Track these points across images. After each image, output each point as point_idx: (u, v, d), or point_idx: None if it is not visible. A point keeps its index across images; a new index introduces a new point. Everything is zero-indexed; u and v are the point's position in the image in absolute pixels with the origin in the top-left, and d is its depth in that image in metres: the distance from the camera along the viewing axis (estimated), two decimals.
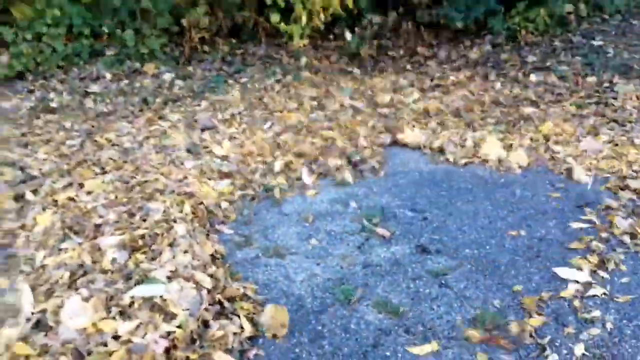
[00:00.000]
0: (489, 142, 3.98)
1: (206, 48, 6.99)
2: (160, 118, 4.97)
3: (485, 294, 2.43)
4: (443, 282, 2.53)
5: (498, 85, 5.89)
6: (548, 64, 6.38)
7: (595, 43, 6.79)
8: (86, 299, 2.08)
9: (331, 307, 2.37)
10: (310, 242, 2.91)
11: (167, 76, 6.28)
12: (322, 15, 7.04)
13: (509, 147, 4.01)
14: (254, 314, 2.28)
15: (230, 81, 6.23)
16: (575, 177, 3.56)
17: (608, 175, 3.61)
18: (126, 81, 6.20)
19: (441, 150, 4.11)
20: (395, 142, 4.40)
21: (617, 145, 4.07)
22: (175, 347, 1.93)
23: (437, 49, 7.37)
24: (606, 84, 5.60)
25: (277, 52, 7.33)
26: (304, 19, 6.98)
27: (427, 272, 2.61)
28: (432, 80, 6.16)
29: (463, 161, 3.93)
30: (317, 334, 2.20)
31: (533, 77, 6.01)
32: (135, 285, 2.21)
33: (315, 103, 5.34)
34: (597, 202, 3.23)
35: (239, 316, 2.21)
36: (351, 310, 2.34)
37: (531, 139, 4.17)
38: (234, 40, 7.38)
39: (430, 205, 3.29)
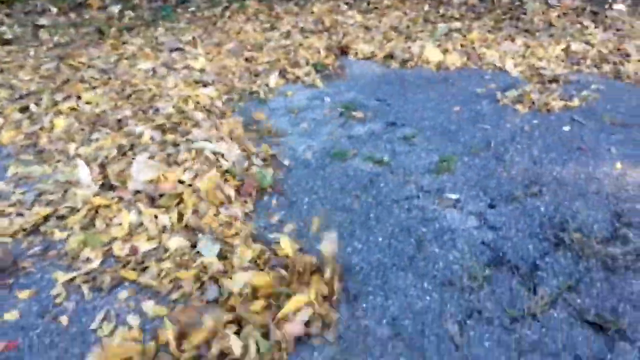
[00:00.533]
0: (429, 49, 4.72)
1: None
2: (124, 44, 5.22)
3: (443, 147, 3.20)
4: (411, 143, 3.27)
5: (426, 6, 6.63)
6: None
7: None
8: (150, 158, 2.59)
9: (331, 163, 3.04)
10: (300, 126, 3.53)
11: (114, 8, 6.40)
12: None
13: (445, 52, 4.78)
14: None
15: (179, 10, 6.47)
16: (505, 68, 4.41)
17: (524, 68, 4.49)
18: (73, 14, 6.26)
19: (391, 57, 4.79)
20: (346, 54, 5.03)
21: (529, 47, 4.97)
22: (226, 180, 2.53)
23: None
24: (517, 2, 6.51)
25: None
26: None
27: (398, 138, 3.34)
28: (368, 4, 6.77)
29: (409, 64, 4.65)
30: (325, 179, 2.87)
31: None
32: (183, 151, 2.73)
33: (267, 26, 5.80)
34: (517, 87, 4.08)
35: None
36: (347, 163, 3.02)
37: (461, 45, 4.96)
38: None
39: (390, 97, 4.00)
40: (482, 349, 1.82)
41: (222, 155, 2.63)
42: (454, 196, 2.69)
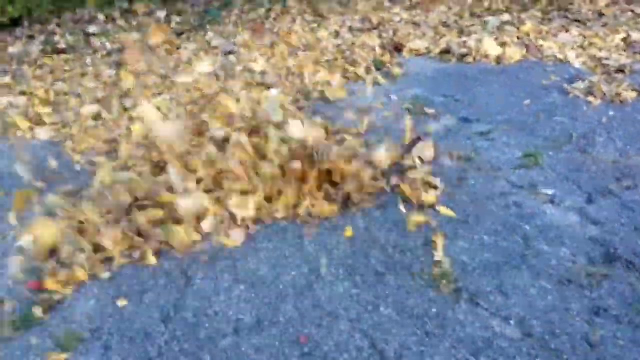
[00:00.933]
0: (487, 42, 4.66)
1: None
2: (178, 48, 5.27)
3: (524, 141, 3.16)
4: (489, 138, 3.24)
5: (469, 0, 6.55)
6: None
7: None
8: None
9: None
10: (373, 125, 3.52)
11: (160, 13, 6.46)
12: None
13: (502, 45, 4.72)
14: None
15: (223, 13, 6.50)
16: (567, 59, 4.33)
17: (585, 59, 4.41)
18: (121, 20, 6.33)
19: (447, 52, 4.75)
20: (400, 51, 5.00)
21: (585, 37, 4.88)
22: None
23: None
24: None
25: None
26: None
27: (474, 133, 3.31)
28: (410, 0, 6.73)
29: (467, 59, 4.60)
30: None
31: None
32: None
33: (315, 25, 5.80)
34: (583, 78, 4.01)
35: None
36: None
37: (517, 38, 4.89)
38: None
39: (455, 92, 3.97)
40: (617, 348, 1.80)
41: None
42: (549, 191, 2.66)
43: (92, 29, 6.03)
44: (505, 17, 5.60)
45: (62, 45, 5.54)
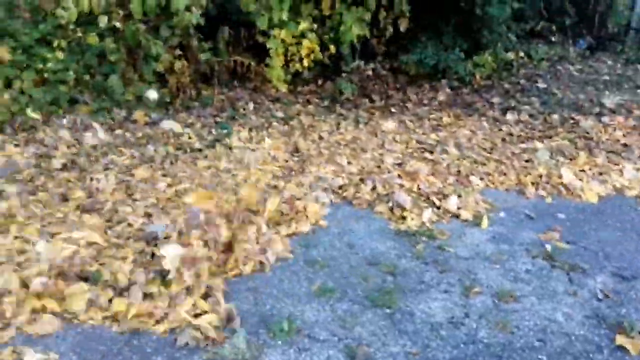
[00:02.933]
0: (567, 177, 4.43)
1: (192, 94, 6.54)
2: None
3: None
4: None
5: (485, 124, 6.52)
6: (513, 104, 7.25)
7: (540, 85, 7.94)
8: None
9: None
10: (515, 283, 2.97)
11: (166, 124, 5.72)
12: (305, 62, 7.14)
13: (579, 176, 4.52)
14: None
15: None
16: None
17: None
18: (119, 131, 5.48)
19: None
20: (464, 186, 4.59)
21: None
22: None
23: (404, 93, 7.90)
24: (571, 121, 6.59)
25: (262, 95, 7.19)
26: (279, 63, 7.04)
27: None
28: (428, 120, 6.59)
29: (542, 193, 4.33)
30: None
31: (509, 116, 6.79)
32: None
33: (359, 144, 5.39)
34: None
35: None
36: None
37: (583, 171, 4.74)
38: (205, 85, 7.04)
39: (572, 236, 3.58)
40: None
41: None
42: None
43: (88, 139, 5.12)
44: (540, 144, 5.56)
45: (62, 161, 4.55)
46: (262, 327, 2.54)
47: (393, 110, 7.09)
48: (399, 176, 4.43)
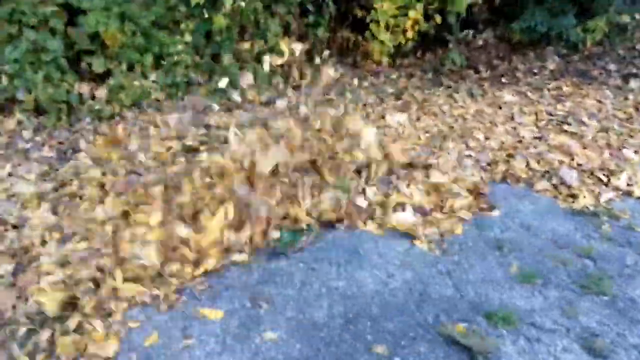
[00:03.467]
0: None
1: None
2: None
3: None
4: None
5: (608, 92, 6.06)
6: (634, 70, 6.70)
7: None
8: None
9: None
10: None
11: (280, 103, 5.63)
12: (409, 33, 6.85)
13: None
14: None
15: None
16: None
17: None
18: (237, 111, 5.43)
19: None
20: None
21: None
22: None
23: (509, 62, 7.47)
24: None
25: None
26: (382, 36, 6.78)
27: None
28: (548, 90, 6.19)
29: None
30: None
31: (633, 84, 6.28)
32: None
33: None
34: None
35: None
36: None
37: None
38: None
39: None
40: None
41: None
42: None
43: None
44: None
45: None
46: (476, 314, 2.39)
47: (504, 80, 6.73)
48: (548, 151, 4.15)
